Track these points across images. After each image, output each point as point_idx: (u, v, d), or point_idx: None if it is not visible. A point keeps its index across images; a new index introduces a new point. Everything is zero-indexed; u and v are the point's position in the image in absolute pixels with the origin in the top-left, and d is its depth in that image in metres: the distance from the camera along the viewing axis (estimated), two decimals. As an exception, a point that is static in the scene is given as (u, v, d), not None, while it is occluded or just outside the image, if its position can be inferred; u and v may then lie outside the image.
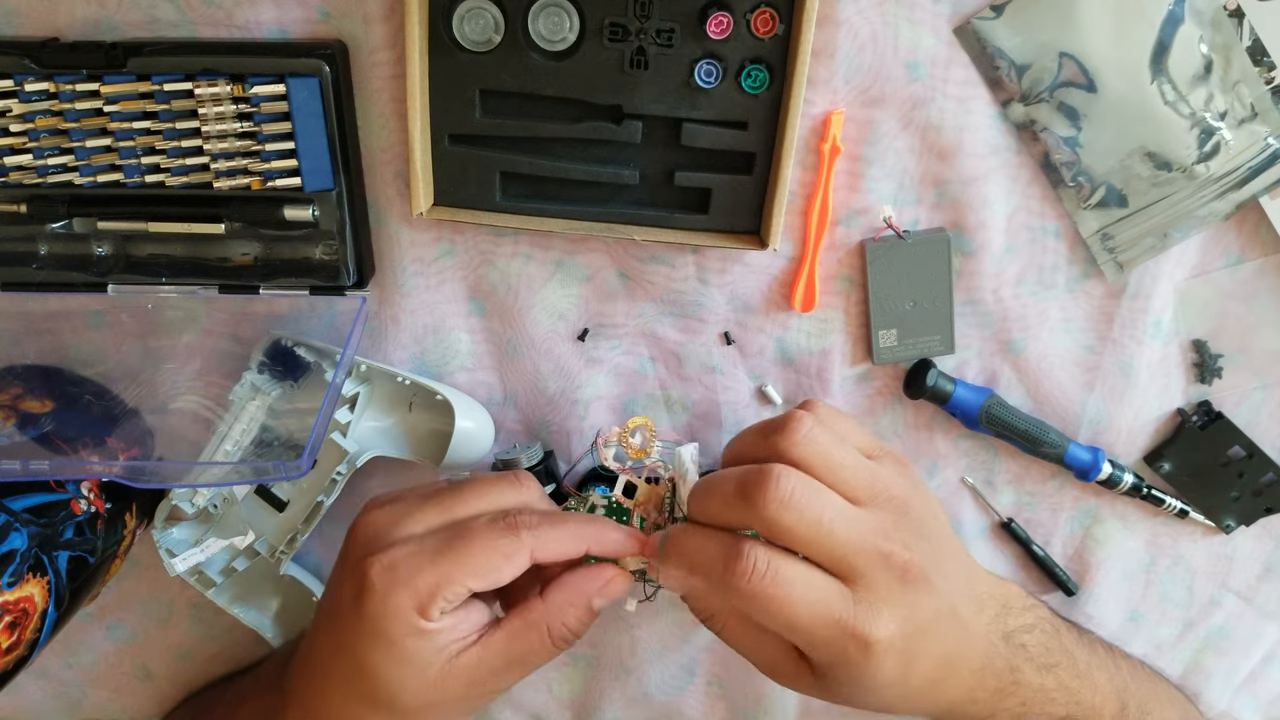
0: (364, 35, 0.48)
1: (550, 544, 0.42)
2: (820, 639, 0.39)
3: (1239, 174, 0.50)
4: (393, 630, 0.40)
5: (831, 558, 0.39)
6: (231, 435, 0.51)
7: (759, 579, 0.38)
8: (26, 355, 0.54)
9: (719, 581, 0.40)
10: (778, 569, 0.39)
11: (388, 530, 0.42)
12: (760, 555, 0.39)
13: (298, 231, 0.50)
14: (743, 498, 0.39)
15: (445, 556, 0.40)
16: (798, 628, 0.39)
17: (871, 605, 0.39)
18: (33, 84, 0.46)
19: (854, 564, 0.39)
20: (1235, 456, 0.55)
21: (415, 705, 0.41)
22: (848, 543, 0.39)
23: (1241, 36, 0.47)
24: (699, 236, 0.50)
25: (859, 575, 0.39)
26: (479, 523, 0.42)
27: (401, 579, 0.40)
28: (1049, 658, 0.50)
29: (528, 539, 0.41)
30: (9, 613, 0.44)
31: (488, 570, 0.40)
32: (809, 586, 0.39)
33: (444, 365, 0.55)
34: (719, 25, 0.46)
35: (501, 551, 0.41)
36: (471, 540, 0.41)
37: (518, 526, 0.41)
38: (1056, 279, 0.52)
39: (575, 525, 0.43)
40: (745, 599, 0.39)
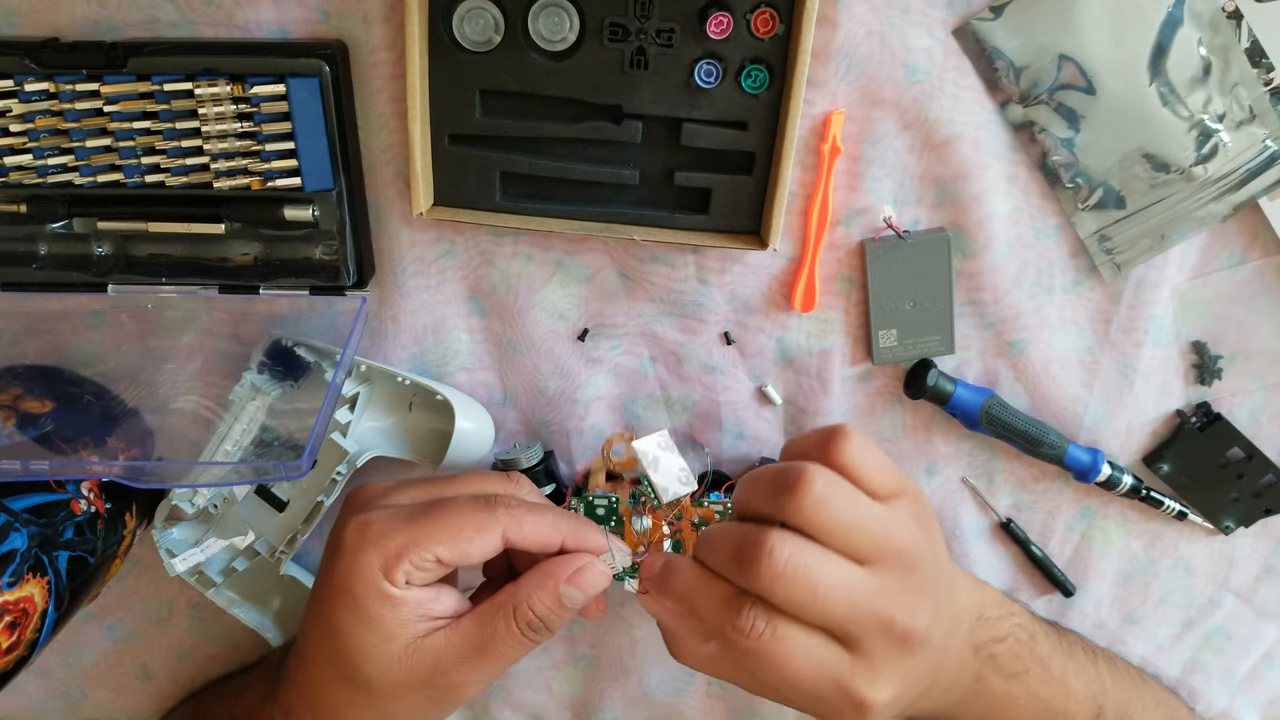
0: (364, 35, 0.48)
1: (524, 527, 0.42)
2: (816, 698, 0.39)
3: (1237, 176, 0.50)
4: (358, 588, 0.40)
5: (829, 624, 0.39)
6: (231, 435, 0.51)
7: (756, 638, 0.38)
8: (26, 355, 0.54)
9: (715, 631, 0.40)
10: (776, 632, 0.38)
11: (374, 499, 0.44)
12: (760, 617, 0.38)
13: (298, 231, 0.50)
14: (739, 564, 0.39)
15: (417, 521, 0.41)
16: (793, 687, 0.39)
17: (870, 670, 0.39)
18: (33, 84, 0.46)
19: (852, 632, 0.39)
20: (1234, 458, 0.55)
21: (381, 682, 0.41)
22: (846, 612, 0.39)
23: (1240, 38, 0.47)
24: (699, 236, 0.50)
25: (858, 642, 0.39)
26: (459, 499, 0.42)
27: (371, 537, 0.41)
28: (1018, 665, 0.50)
29: (503, 516, 0.41)
30: (9, 613, 0.44)
31: (457, 540, 0.40)
32: (808, 650, 0.39)
33: (444, 365, 0.55)
34: (719, 25, 0.46)
35: (474, 524, 0.41)
36: (447, 510, 0.41)
37: (495, 504, 0.42)
38: (1056, 280, 0.52)
39: (554, 516, 0.43)
40: (741, 654, 0.39)
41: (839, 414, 0.55)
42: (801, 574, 0.38)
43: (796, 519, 0.39)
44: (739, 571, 0.39)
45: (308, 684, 0.44)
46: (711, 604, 0.40)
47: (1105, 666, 0.57)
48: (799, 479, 0.39)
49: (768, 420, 0.56)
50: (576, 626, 0.61)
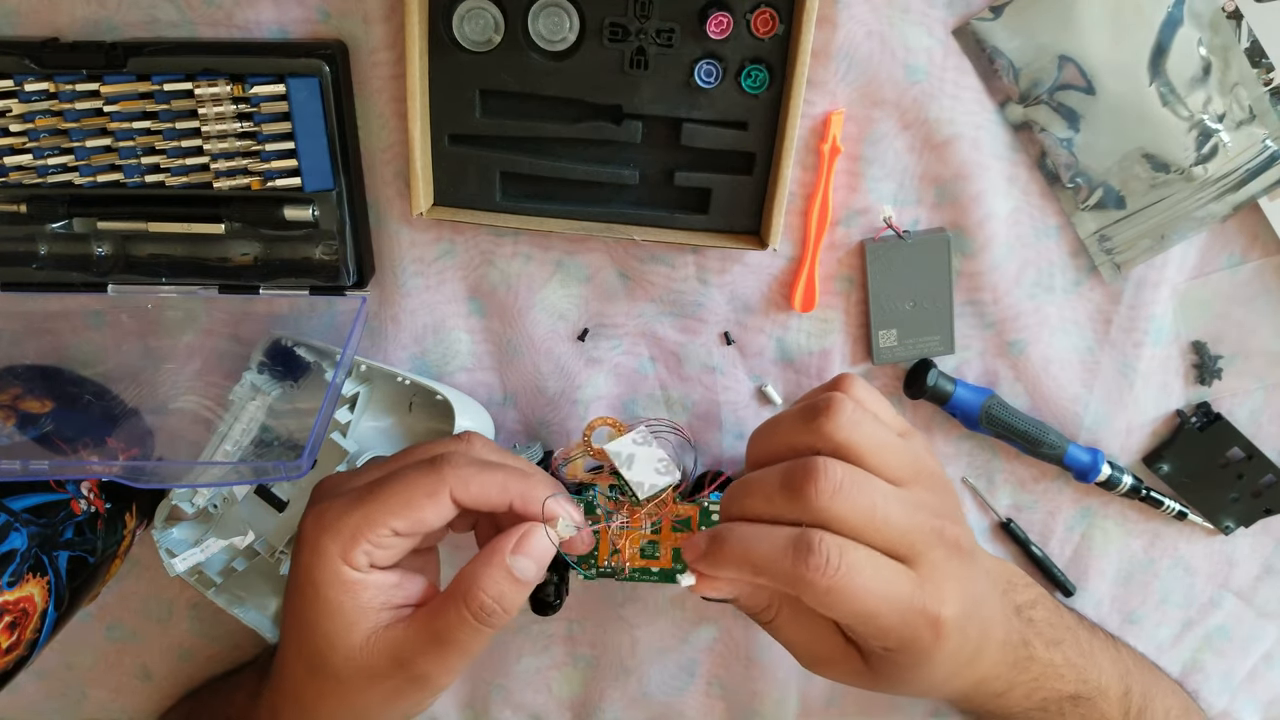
0: (364, 35, 0.48)
1: (471, 486, 0.40)
2: (893, 625, 0.38)
3: (1237, 176, 0.50)
4: (319, 578, 0.40)
5: (889, 542, 0.38)
6: (231, 435, 0.51)
7: (834, 572, 0.36)
8: (26, 355, 0.54)
9: (788, 578, 0.37)
10: (851, 559, 0.37)
11: (332, 488, 0.43)
12: (832, 546, 0.37)
13: (298, 231, 0.50)
14: (790, 490, 0.38)
15: (367, 500, 0.40)
16: (872, 616, 0.38)
17: (936, 584, 0.38)
18: (33, 84, 0.46)
19: (912, 542, 0.38)
20: (1234, 458, 0.55)
21: (347, 671, 0.41)
22: (904, 525, 0.38)
23: (1240, 38, 0.47)
24: (699, 236, 0.50)
25: (919, 555, 0.38)
26: (405, 463, 0.41)
27: (326, 524, 0.40)
28: (1055, 634, 0.50)
29: (449, 476, 0.40)
30: (9, 613, 0.44)
31: (409, 509, 0.40)
32: (879, 573, 0.37)
33: (444, 365, 0.55)
34: (719, 25, 0.46)
35: (422, 489, 0.40)
36: (395, 481, 0.40)
37: (440, 464, 0.40)
38: (1056, 280, 0.52)
39: (504, 475, 0.41)
40: (819, 593, 0.37)
41: (839, 414, 0.55)
42: (858, 490, 0.37)
43: (834, 439, 0.38)
44: (792, 500, 0.38)
45: (285, 680, 0.44)
46: (775, 553, 0.37)
47: (1124, 649, 0.57)
48: (829, 403, 0.39)
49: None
50: (576, 626, 0.61)
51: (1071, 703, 0.51)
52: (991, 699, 0.48)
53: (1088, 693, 0.51)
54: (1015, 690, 0.48)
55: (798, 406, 0.41)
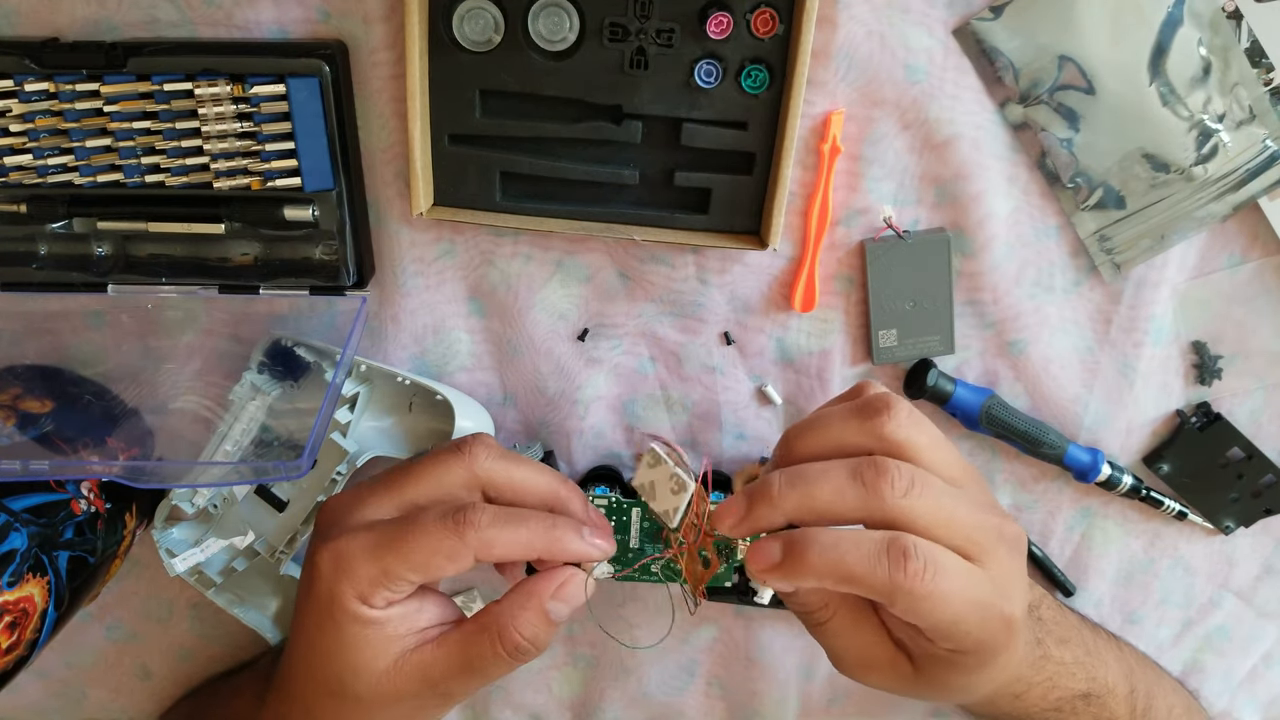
0: (364, 35, 0.48)
1: (496, 548, 0.40)
2: (974, 628, 0.37)
3: (1237, 176, 0.50)
4: (338, 616, 0.40)
5: (959, 542, 0.37)
6: (231, 435, 0.51)
7: (930, 578, 0.35)
8: (26, 355, 0.54)
9: (884, 586, 0.36)
10: (941, 563, 0.36)
11: (343, 515, 0.42)
12: (923, 547, 0.36)
13: (298, 231, 0.50)
14: (863, 486, 0.37)
15: (388, 550, 0.40)
16: (959, 621, 0.37)
17: (1005, 583, 0.38)
18: (33, 84, 0.46)
19: (980, 540, 0.37)
20: (1234, 458, 0.55)
21: (370, 695, 0.41)
22: (971, 523, 0.37)
23: (1240, 38, 0.47)
24: (699, 236, 0.50)
25: (985, 554, 0.38)
26: (429, 516, 0.40)
27: (344, 568, 0.40)
28: (1063, 632, 0.50)
29: (473, 540, 0.39)
30: (9, 613, 0.44)
31: (429, 568, 0.40)
32: (964, 576, 0.37)
33: (444, 365, 0.55)
34: (719, 25, 0.46)
35: (443, 552, 0.39)
36: (415, 536, 0.40)
37: (464, 526, 0.39)
38: (1056, 280, 0.52)
39: (529, 531, 0.40)
40: (915, 600, 0.36)
41: (839, 414, 0.55)
42: (928, 487, 0.37)
43: (893, 439, 0.38)
44: (867, 498, 0.36)
45: (297, 696, 0.44)
46: (868, 560, 0.36)
47: (1126, 648, 0.57)
48: (887, 402, 0.38)
49: (768, 420, 0.56)
50: (576, 626, 0.61)
51: (1084, 701, 0.51)
52: (1010, 700, 0.48)
53: (1097, 691, 0.51)
54: (1033, 690, 0.48)
55: (844, 406, 0.40)
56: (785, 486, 0.38)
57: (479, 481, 0.42)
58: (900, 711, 0.62)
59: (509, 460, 0.43)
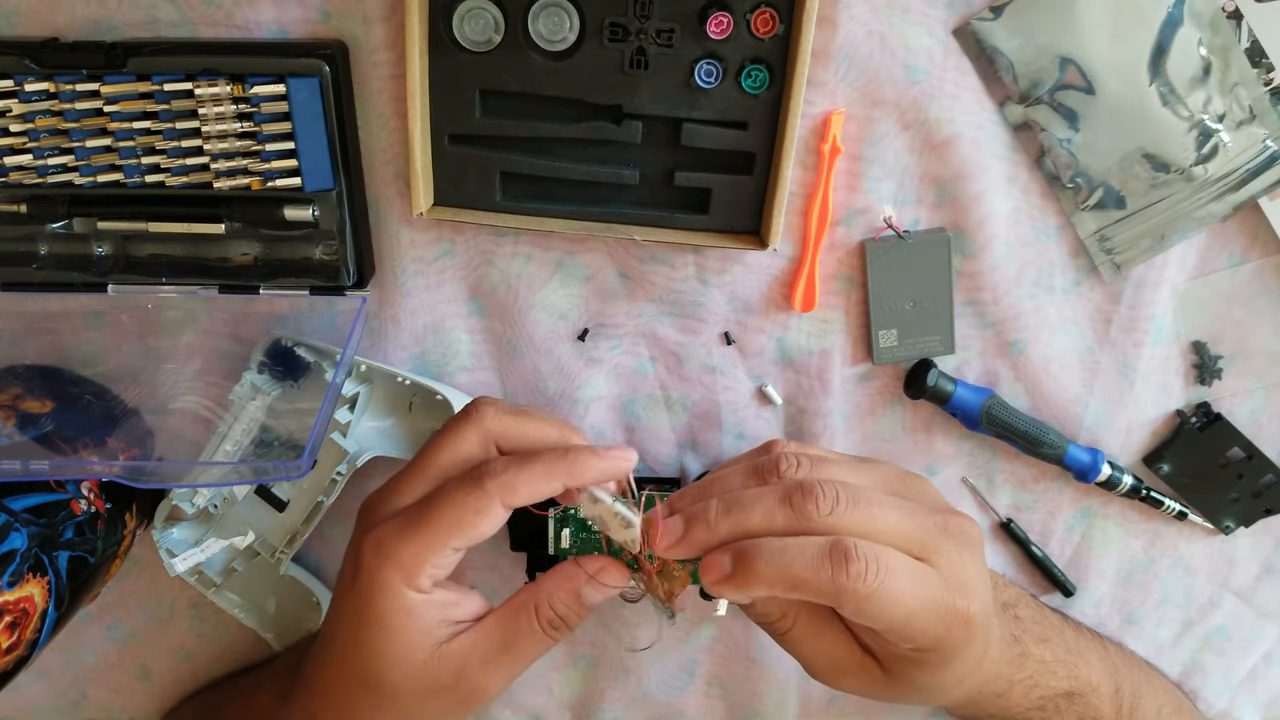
0: (364, 35, 0.48)
1: (520, 489, 0.41)
2: (930, 625, 0.37)
3: (1237, 176, 0.50)
4: (382, 605, 0.41)
5: (900, 541, 0.38)
6: (231, 435, 0.51)
7: (874, 578, 0.36)
8: (26, 355, 0.54)
9: (829, 589, 0.36)
10: (886, 562, 0.36)
11: (378, 508, 0.43)
12: (866, 548, 0.36)
13: (298, 231, 0.50)
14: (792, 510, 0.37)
15: (422, 525, 0.41)
16: (911, 619, 0.37)
17: (958, 579, 0.38)
18: (33, 84, 0.46)
19: (925, 541, 0.38)
20: (1234, 458, 0.55)
21: (406, 689, 0.42)
22: (909, 521, 0.38)
23: (1240, 38, 0.48)
24: (699, 236, 0.50)
25: (932, 551, 0.38)
26: (451, 483, 0.42)
27: (385, 553, 0.41)
28: (1042, 631, 0.50)
29: (494, 489, 0.40)
30: (9, 613, 0.44)
31: (464, 529, 0.40)
32: (911, 574, 0.37)
33: (444, 365, 0.55)
34: (719, 25, 0.46)
35: (471, 508, 0.40)
36: (442, 503, 0.41)
37: (483, 478, 0.41)
38: (1056, 280, 0.52)
39: (546, 464, 0.41)
40: (860, 601, 0.36)
41: (839, 414, 0.55)
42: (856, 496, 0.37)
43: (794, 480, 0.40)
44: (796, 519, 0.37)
45: (330, 691, 0.44)
46: (812, 565, 0.36)
47: (1111, 647, 0.57)
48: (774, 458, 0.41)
49: (768, 420, 0.56)
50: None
51: (1067, 700, 0.51)
52: (993, 699, 0.48)
53: (1081, 689, 0.51)
54: (1014, 689, 0.48)
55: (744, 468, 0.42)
56: (720, 513, 0.39)
57: (491, 438, 0.43)
58: (900, 712, 0.62)
59: (516, 414, 0.44)
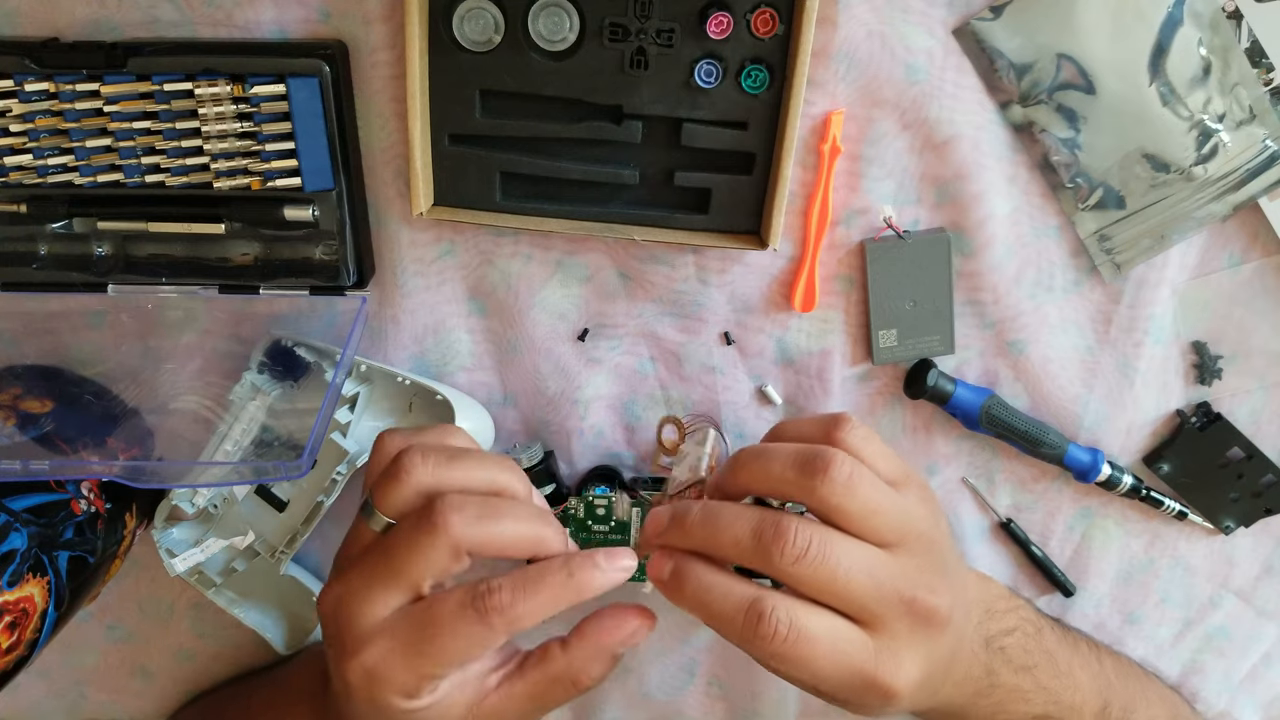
0: (364, 35, 0.48)
1: (526, 620, 0.39)
2: (842, 689, 0.39)
3: (1237, 176, 0.50)
4: (390, 714, 0.40)
5: (852, 606, 0.38)
6: (231, 435, 0.51)
7: (782, 641, 0.37)
8: (26, 355, 0.54)
9: (738, 638, 0.38)
10: (802, 626, 0.37)
11: (353, 620, 0.40)
12: (783, 613, 0.37)
13: (298, 231, 0.50)
14: (758, 547, 0.38)
15: (418, 654, 0.39)
16: (821, 681, 0.38)
17: (894, 653, 0.39)
18: (33, 84, 0.46)
19: (876, 612, 0.38)
20: (1234, 458, 0.55)
21: None
22: (870, 592, 0.38)
23: (1240, 38, 0.47)
24: (699, 236, 0.50)
25: (880, 622, 0.39)
26: (447, 608, 0.39)
27: (379, 679, 0.39)
28: (1027, 659, 0.50)
29: (500, 624, 0.38)
30: (9, 613, 0.44)
31: (464, 659, 0.39)
32: (833, 640, 0.38)
33: (444, 365, 0.55)
34: (719, 25, 0.46)
35: (475, 641, 0.39)
36: (442, 634, 0.39)
37: (488, 613, 0.38)
38: (1056, 280, 0.52)
39: (550, 590, 0.39)
40: (765, 658, 0.38)
41: (839, 414, 0.55)
42: (826, 555, 0.37)
43: (824, 504, 0.38)
44: (758, 555, 0.38)
45: None
46: (728, 611, 0.38)
47: (1109, 661, 0.57)
48: (828, 463, 0.38)
49: (768, 420, 0.56)
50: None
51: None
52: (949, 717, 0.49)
53: (1058, 713, 0.51)
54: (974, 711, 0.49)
55: (794, 451, 0.40)
56: (698, 523, 0.40)
57: (463, 551, 0.39)
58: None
59: (483, 519, 0.40)
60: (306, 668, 0.53)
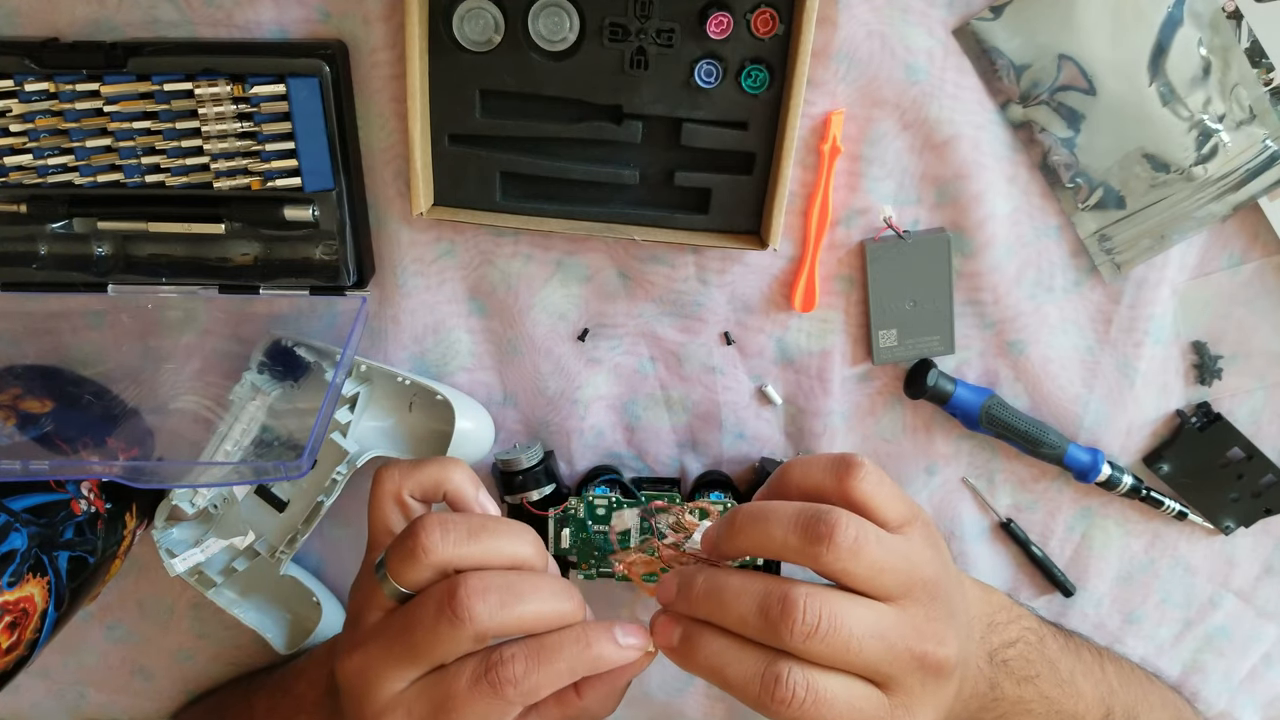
0: (364, 35, 0.48)
1: (541, 691, 0.39)
2: None
3: (1237, 176, 0.50)
4: None
5: (866, 670, 0.38)
6: (231, 435, 0.51)
7: (800, 705, 0.37)
8: (26, 355, 0.54)
9: (755, 704, 0.38)
10: (819, 689, 0.37)
11: (371, 692, 0.40)
12: (799, 677, 0.37)
13: (298, 231, 0.50)
14: (766, 624, 0.38)
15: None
16: None
17: (909, 709, 0.39)
18: (33, 84, 0.46)
19: (889, 674, 0.39)
20: (1234, 458, 0.55)
21: None
22: (882, 655, 0.38)
23: (1240, 38, 0.47)
24: (699, 236, 0.50)
25: (894, 682, 0.39)
26: (461, 684, 0.39)
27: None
28: (1029, 670, 0.50)
29: (515, 697, 0.39)
30: (9, 613, 0.44)
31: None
32: (850, 701, 0.38)
33: (444, 365, 0.55)
34: (719, 25, 0.46)
35: (490, 713, 0.39)
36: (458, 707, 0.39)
37: (502, 685, 0.39)
38: (1056, 280, 0.52)
39: (568, 662, 0.40)
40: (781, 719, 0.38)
41: (839, 414, 0.55)
42: (836, 627, 0.37)
43: (830, 570, 0.38)
44: (768, 632, 0.38)
45: None
46: (744, 678, 0.38)
47: (1111, 667, 0.57)
48: (832, 528, 0.38)
49: (768, 420, 0.56)
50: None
51: None
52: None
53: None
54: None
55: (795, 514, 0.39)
56: (703, 595, 0.40)
57: (487, 638, 0.40)
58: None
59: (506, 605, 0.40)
60: (310, 675, 0.53)
